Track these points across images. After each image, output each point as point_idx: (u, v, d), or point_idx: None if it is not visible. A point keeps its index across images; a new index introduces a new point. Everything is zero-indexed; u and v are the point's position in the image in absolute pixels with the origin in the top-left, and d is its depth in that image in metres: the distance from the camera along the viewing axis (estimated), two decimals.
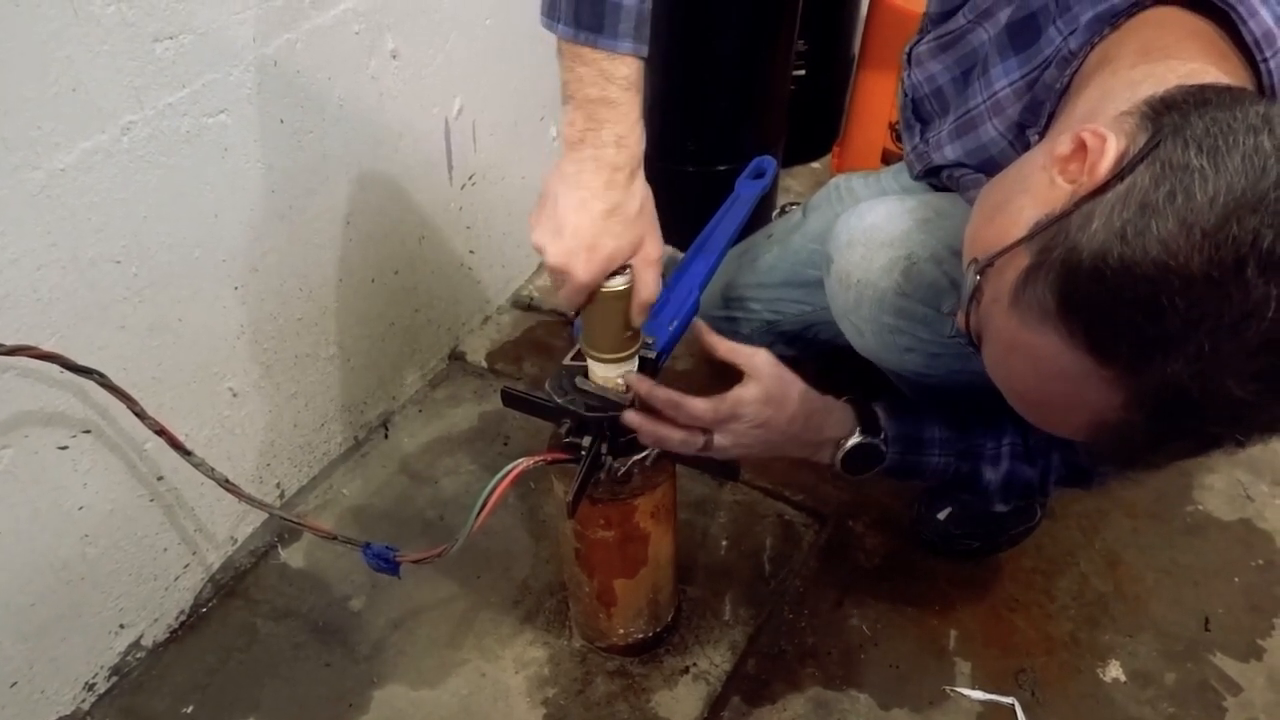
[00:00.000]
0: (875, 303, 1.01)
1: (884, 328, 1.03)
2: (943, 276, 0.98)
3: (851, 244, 1.03)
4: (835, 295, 1.06)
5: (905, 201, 1.03)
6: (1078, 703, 1.13)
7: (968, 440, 1.02)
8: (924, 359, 1.03)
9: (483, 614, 1.21)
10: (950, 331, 1.00)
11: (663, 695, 1.13)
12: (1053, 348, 0.61)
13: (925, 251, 0.98)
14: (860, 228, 1.03)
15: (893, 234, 1.00)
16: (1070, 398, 0.63)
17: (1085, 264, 0.58)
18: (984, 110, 0.94)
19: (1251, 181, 0.54)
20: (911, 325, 1.01)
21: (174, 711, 1.12)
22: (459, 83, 1.37)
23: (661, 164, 1.74)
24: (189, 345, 1.09)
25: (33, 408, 0.94)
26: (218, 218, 1.07)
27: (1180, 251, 0.54)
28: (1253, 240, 0.53)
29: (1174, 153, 0.57)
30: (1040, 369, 0.64)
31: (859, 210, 1.04)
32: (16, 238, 0.87)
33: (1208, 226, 0.54)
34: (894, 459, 1.00)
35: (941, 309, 0.99)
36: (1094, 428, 0.64)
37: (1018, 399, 0.71)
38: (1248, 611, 1.22)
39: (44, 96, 0.85)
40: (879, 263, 1.00)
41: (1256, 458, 1.42)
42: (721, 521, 1.33)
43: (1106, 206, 0.59)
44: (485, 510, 0.91)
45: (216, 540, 1.23)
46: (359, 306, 1.34)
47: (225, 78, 1.01)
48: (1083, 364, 0.60)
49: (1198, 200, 0.55)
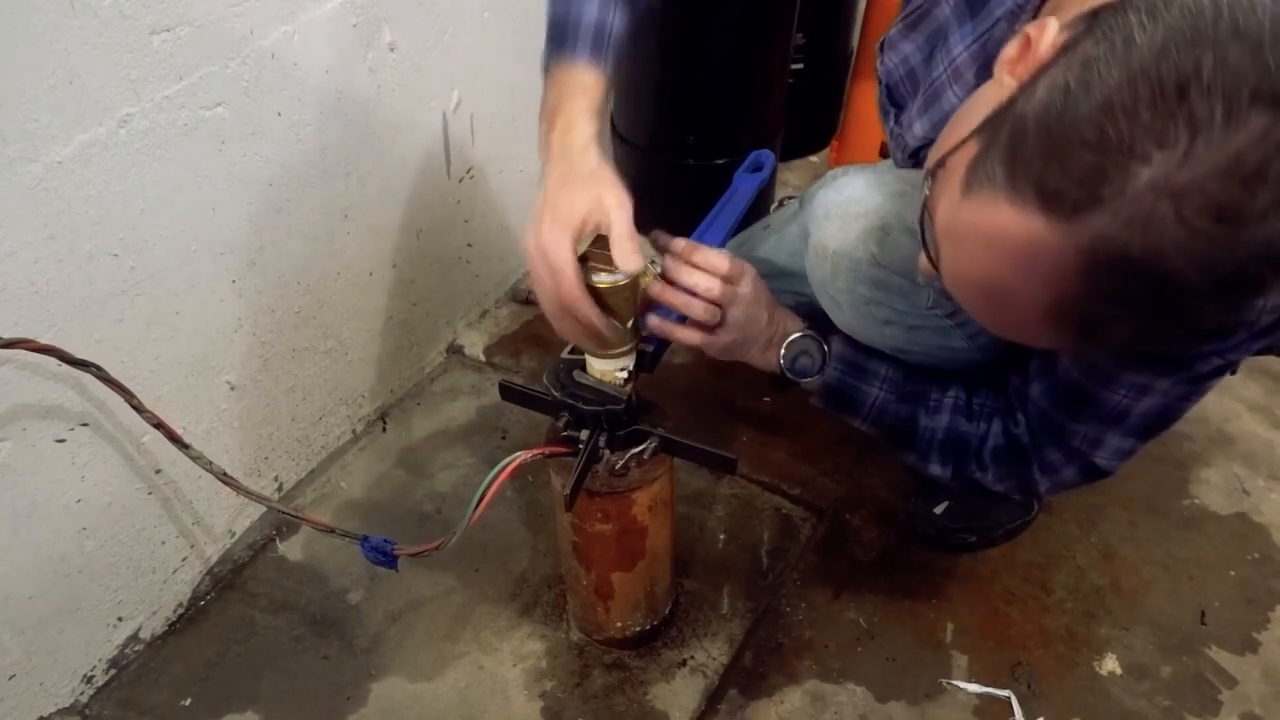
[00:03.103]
0: (851, 273, 1.02)
1: (860, 299, 1.04)
2: (918, 246, 0.97)
3: (828, 216, 1.04)
4: (813, 268, 1.07)
5: (881, 176, 1.05)
6: (1074, 696, 1.13)
7: (912, 383, 1.04)
8: (902, 332, 1.04)
9: (480, 607, 1.22)
10: (928, 303, 1.01)
11: (660, 688, 1.13)
12: (1003, 220, 0.60)
13: (900, 222, 0.99)
14: (837, 200, 1.04)
15: (867, 205, 1.02)
16: (1028, 280, 0.61)
17: (1030, 125, 0.58)
18: (945, 79, 0.93)
19: (1190, 23, 0.54)
20: (888, 296, 1.02)
21: (172, 704, 1.13)
22: (457, 76, 1.37)
23: (660, 158, 1.74)
24: (187, 338, 1.09)
25: (30, 400, 0.94)
26: (215, 211, 1.06)
27: (1123, 88, 0.54)
28: (1194, 68, 0.52)
29: (1113, 19, 0.57)
30: (994, 254, 0.62)
31: (836, 184, 1.07)
32: (13, 230, 0.87)
33: (1148, 62, 0.54)
34: (833, 376, 1.03)
35: (918, 280, 0.99)
36: (1056, 318, 0.62)
37: (979, 305, 0.69)
38: (1243, 605, 1.23)
39: (41, 89, 0.85)
40: (854, 233, 1.01)
41: (1253, 452, 1.42)
42: (719, 515, 1.33)
43: (1049, 76, 0.59)
44: (483, 503, 0.91)
45: (214, 533, 1.23)
46: (357, 300, 1.34)
47: (223, 70, 1.01)
48: (1033, 226, 0.58)
49: (1138, 45, 0.55)
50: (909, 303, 1.02)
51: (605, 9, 0.89)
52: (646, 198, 1.27)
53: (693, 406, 1.48)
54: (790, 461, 1.38)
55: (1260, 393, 1.50)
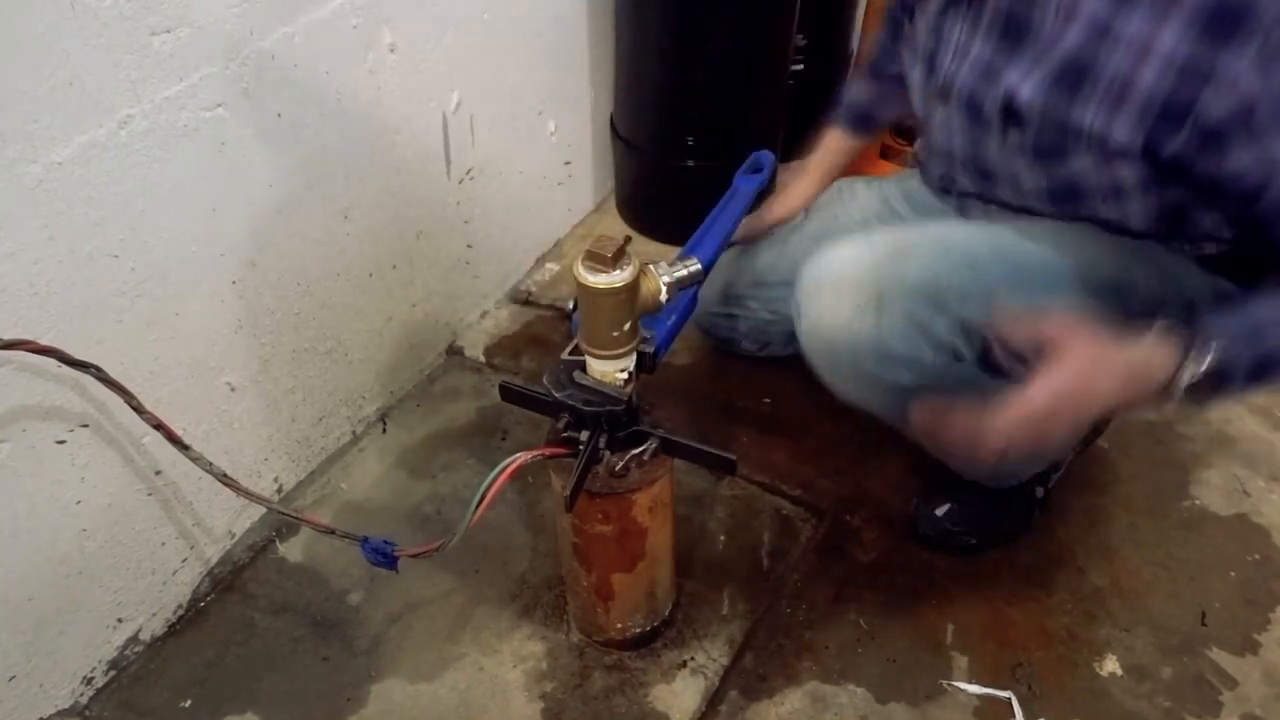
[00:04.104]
0: (851, 350, 0.98)
1: (863, 374, 0.99)
2: (923, 309, 0.95)
3: (819, 289, 0.99)
4: (810, 348, 1.02)
5: (869, 238, 1.00)
6: (1074, 697, 1.13)
7: None
8: (911, 393, 0.99)
9: (481, 608, 1.22)
10: (941, 360, 0.96)
11: (660, 689, 1.13)
12: None
13: (899, 285, 0.95)
14: (825, 272, 0.99)
15: (858, 273, 0.96)
16: None
17: None
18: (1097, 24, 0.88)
19: None
20: (891, 368, 0.98)
21: (172, 705, 1.12)
22: (457, 77, 1.37)
23: (661, 159, 1.74)
24: (187, 339, 1.09)
25: (30, 401, 0.94)
26: (215, 212, 1.06)
27: None
28: None
29: None
30: None
31: (821, 254, 1.00)
32: (13, 231, 0.87)
33: None
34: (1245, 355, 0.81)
35: (922, 347, 0.96)
36: None
37: None
38: (1244, 606, 1.23)
39: (41, 90, 0.85)
40: (848, 307, 0.96)
41: (1253, 453, 1.42)
42: (719, 516, 1.33)
43: None
44: (483, 504, 0.91)
45: (214, 534, 1.23)
46: (357, 301, 1.34)
47: (223, 71, 1.01)
48: None
49: None
50: (917, 371, 0.97)
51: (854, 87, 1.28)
52: (647, 199, 1.27)
53: (693, 407, 1.48)
54: (790, 462, 1.38)
55: (1261, 394, 1.50)
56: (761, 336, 1.41)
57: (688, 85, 1.63)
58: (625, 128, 1.74)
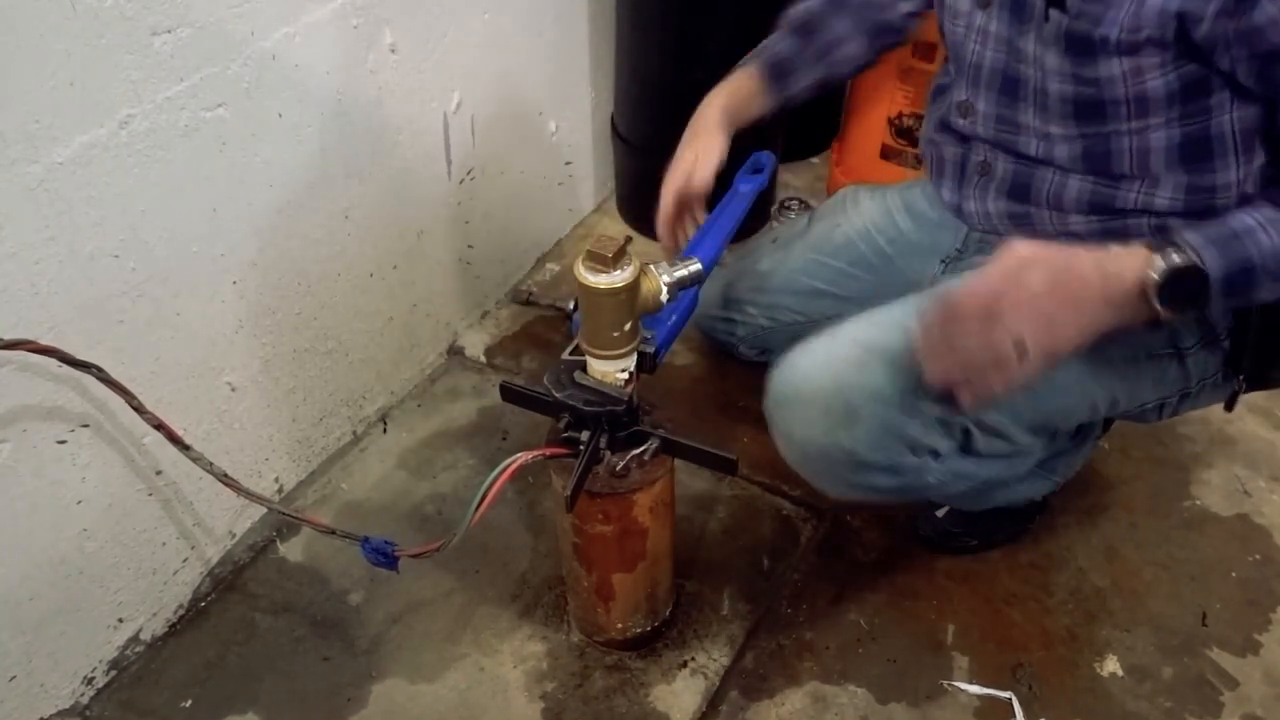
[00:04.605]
0: (824, 462, 0.97)
1: (844, 481, 0.99)
2: (894, 414, 0.94)
3: (786, 401, 0.97)
4: (787, 458, 1.01)
5: (833, 339, 0.97)
6: (1075, 697, 1.13)
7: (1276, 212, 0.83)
8: (896, 493, 1.01)
9: (481, 608, 1.22)
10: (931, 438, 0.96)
11: (661, 689, 1.13)
12: None
13: (866, 396, 0.93)
14: (792, 385, 0.97)
15: (825, 386, 0.94)
16: None
17: None
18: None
19: None
20: (870, 475, 0.97)
21: (172, 705, 1.12)
22: (457, 77, 1.37)
23: (661, 159, 1.73)
24: (187, 339, 1.09)
25: (31, 402, 0.94)
26: (216, 212, 1.06)
27: None
28: None
29: None
30: None
31: (789, 360, 0.98)
32: (14, 231, 0.87)
33: None
34: (1218, 258, 0.80)
35: (900, 451, 0.95)
36: None
37: None
38: (1245, 606, 1.23)
39: (42, 90, 0.85)
40: (818, 425, 0.94)
41: (1254, 453, 1.42)
42: (720, 516, 1.33)
43: None
44: (483, 504, 0.91)
45: (215, 534, 1.23)
46: (357, 301, 1.34)
47: (223, 72, 1.01)
48: None
49: None
50: (895, 475, 0.98)
51: (775, 39, 1.18)
52: (647, 199, 1.27)
53: (693, 407, 1.48)
54: None
55: (1261, 394, 1.50)
56: (760, 343, 1.41)
57: (688, 85, 1.62)
58: (625, 128, 1.74)
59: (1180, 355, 1.01)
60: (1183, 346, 1.01)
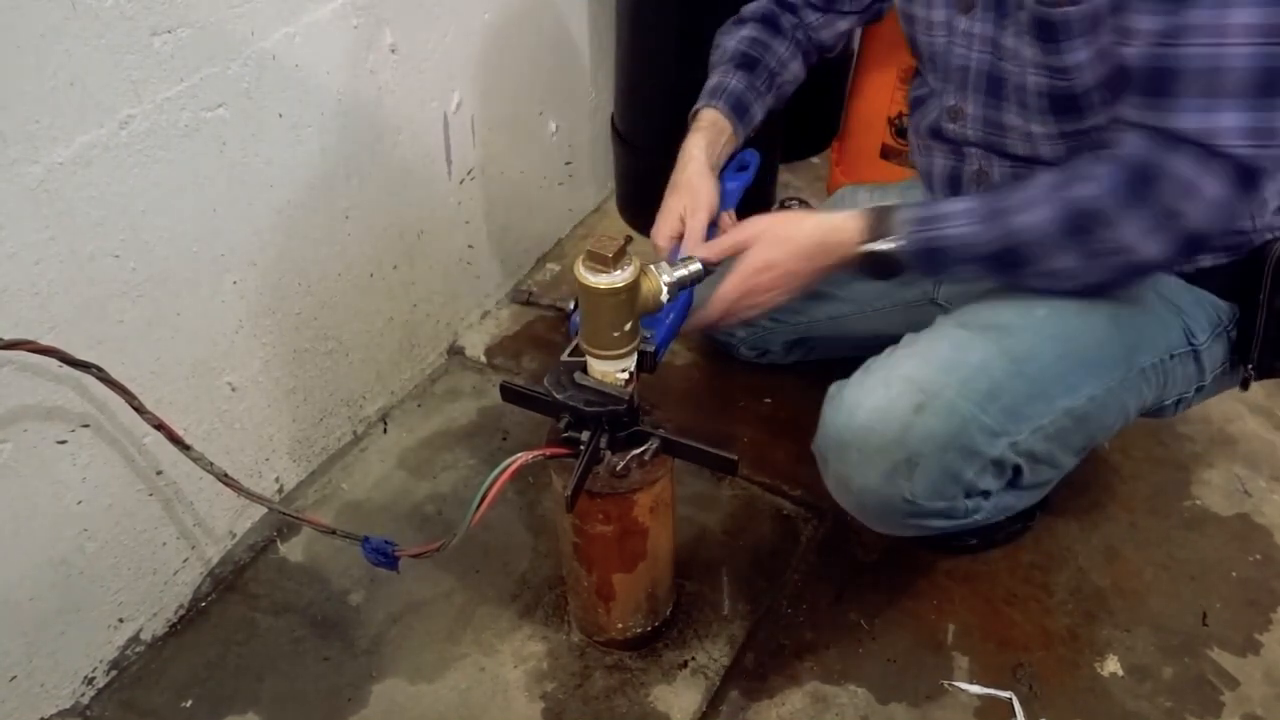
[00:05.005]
0: (882, 511, 0.99)
1: (899, 525, 1.02)
2: (955, 460, 0.95)
3: (844, 446, 0.97)
4: (839, 498, 1.02)
5: (890, 381, 0.96)
6: (1075, 697, 1.13)
7: (996, 199, 0.91)
8: (947, 531, 1.04)
9: (481, 608, 1.22)
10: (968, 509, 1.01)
11: (661, 689, 1.13)
12: None
13: (929, 445, 0.93)
14: (850, 427, 0.96)
15: (887, 435, 0.94)
16: None
17: None
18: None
19: None
20: (926, 520, 1.00)
21: (173, 705, 1.12)
22: (458, 77, 1.37)
23: (660, 158, 1.73)
24: (187, 340, 1.09)
25: (31, 402, 0.94)
26: (216, 212, 1.07)
27: None
28: None
29: None
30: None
31: (844, 401, 0.97)
32: (14, 232, 0.87)
33: None
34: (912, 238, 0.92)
35: (956, 497, 0.98)
36: None
37: None
38: (1245, 606, 1.23)
39: (42, 90, 0.85)
40: (878, 471, 0.95)
41: (1255, 453, 1.42)
42: (720, 516, 1.33)
43: None
44: (484, 504, 0.91)
45: (215, 535, 1.23)
46: (357, 301, 1.34)
47: (224, 72, 1.01)
48: None
49: None
50: (951, 516, 1.01)
51: (724, 75, 1.19)
52: (647, 199, 1.28)
53: (693, 407, 1.48)
54: (791, 462, 1.38)
55: (1262, 394, 1.50)
56: (760, 343, 1.41)
57: (688, 85, 1.62)
58: (625, 128, 1.74)
59: (1196, 352, 1.03)
60: (1196, 343, 1.02)
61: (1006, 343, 0.97)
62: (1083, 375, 0.98)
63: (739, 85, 1.17)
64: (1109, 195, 0.86)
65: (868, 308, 1.28)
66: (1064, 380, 0.98)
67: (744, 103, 1.17)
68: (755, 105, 1.19)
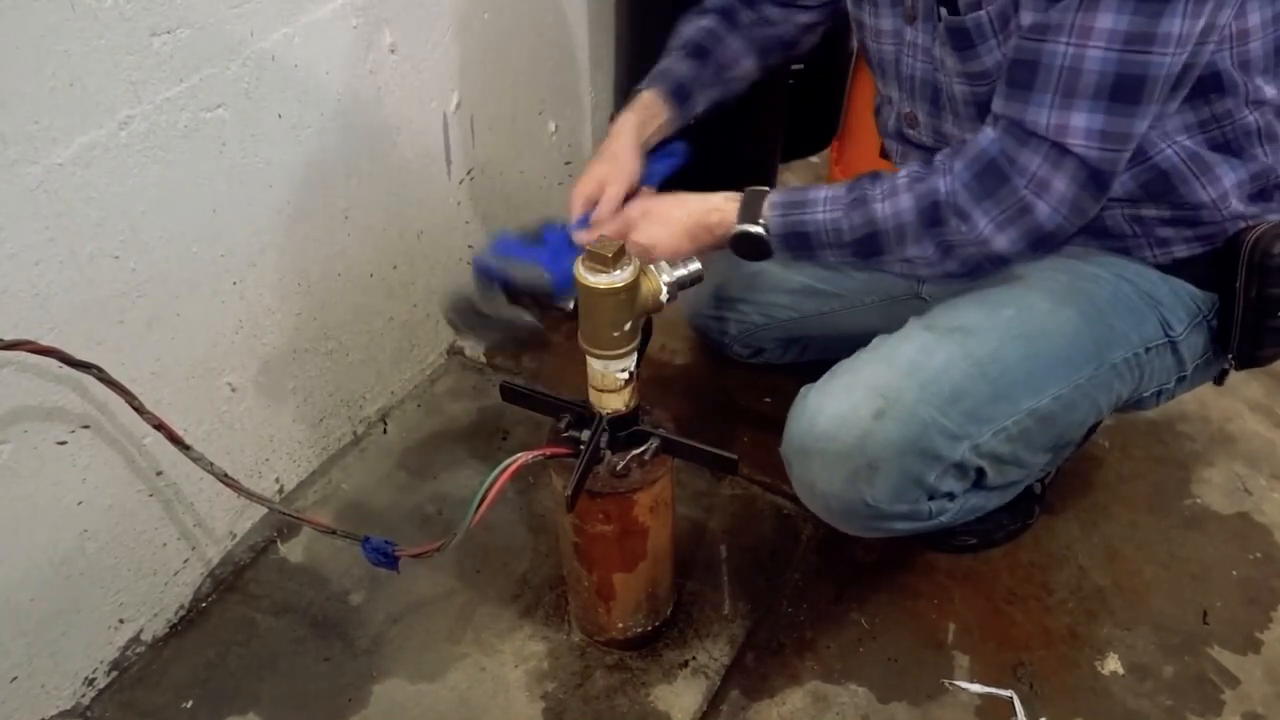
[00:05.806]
0: (845, 513, 1.01)
1: (867, 528, 1.04)
2: (915, 464, 0.97)
3: (806, 452, 0.98)
4: (805, 500, 1.04)
5: (852, 387, 0.97)
6: (1076, 696, 1.13)
7: (859, 187, 0.95)
8: (914, 533, 1.06)
9: (482, 608, 1.22)
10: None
11: (662, 689, 1.13)
12: None
13: (888, 451, 0.95)
14: (811, 433, 0.97)
15: (847, 442, 0.95)
16: None
17: None
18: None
19: None
20: (890, 522, 1.01)
21: (173, 706, 1.12)
22: (457, 77, 1.37)
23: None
24: (187, 340, 1.09)
25: (31, 402, 0.94)
26: (216, 212, 1.06)
27: None
28: None
29: None
30: None
31: (807, 406, 0.99)
32: (14, 232, 0.87)
33: None
34: (776, 222, 0.96)
35: (919, 499, 1.00)
36: None
37: None
38: (1246, 605, 1.23)
39: (41, 91, 0.85)
40: (839, 477, 0.97)
41: (1255, 451, 1.42)
42: (720, 516, 1.33)
43: None
44: (484, 504, 0.91)
45: (215, 535, 1.23)
46: (357, 301, 1.34)
47: (223, 72, 1.01)
48: None
49: None
50: (914, 519, 1.02)
51: (672, 61, 1.17)
52: None
53: (693, 406, 1.48)
54: None
55: (1261, 392, 1.50)
56: (753, 341, 1.41)
57: None
58: None
59: (1173, 344, 1.03)
60: (1174, 334, 1.03)
61: (970, 345, 0.97)
62: (1049, 374, 0.99)
63: (684, 72, 1.16)
64: (964, 189, 0.89)
65: (856, 303, 1.29)
66: (1028, 381, 0.98)
67: (685, 90, 1.17)
68: (698, 94, 1.18)
